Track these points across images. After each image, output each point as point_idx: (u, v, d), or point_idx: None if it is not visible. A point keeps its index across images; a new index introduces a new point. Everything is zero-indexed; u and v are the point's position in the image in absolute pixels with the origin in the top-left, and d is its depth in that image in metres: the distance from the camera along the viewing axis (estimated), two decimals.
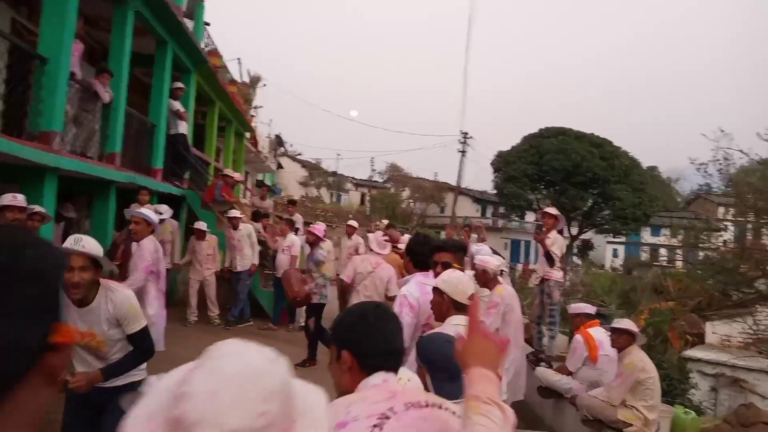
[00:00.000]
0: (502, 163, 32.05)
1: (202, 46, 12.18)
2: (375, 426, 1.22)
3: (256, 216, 10.39)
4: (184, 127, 9.98)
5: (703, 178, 12.35)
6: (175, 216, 9.27)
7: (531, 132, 32.01)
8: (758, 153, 10.94)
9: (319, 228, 7.57)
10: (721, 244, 17.15)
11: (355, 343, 1.51)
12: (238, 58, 25.81)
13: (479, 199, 45.16)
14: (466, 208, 41.24)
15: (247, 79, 21.04)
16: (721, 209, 18.82)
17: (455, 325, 2.48)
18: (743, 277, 13.43)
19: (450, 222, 33.21)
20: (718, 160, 11.25)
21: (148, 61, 9.64)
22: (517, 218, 40.43)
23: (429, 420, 1.26)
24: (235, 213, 8.59)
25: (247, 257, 8.54)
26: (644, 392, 4.19)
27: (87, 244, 2.58)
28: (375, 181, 49.85)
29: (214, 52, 13.67)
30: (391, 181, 45.93)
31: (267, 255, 9.52)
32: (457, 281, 2.64)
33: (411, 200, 42.21)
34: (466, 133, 34.07)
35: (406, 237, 6.74)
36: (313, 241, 7.41)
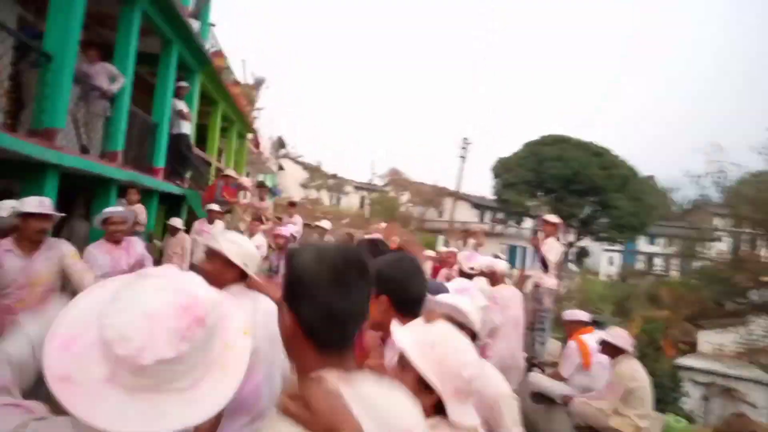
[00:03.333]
0: (502, 169, 32.16)
1: (207, 46, 12.26)
2: None
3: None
4: (187, 127, 10.05)
5: (699, 190, 12.47)
6: (175, 215, 9.34)
7: (531, 139, 32.18)
8: (752, 165, 11.04)
9: (285, 230, 7.42)
10: (716, 254, 17.27)
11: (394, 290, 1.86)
12: (243, 60, 25.96)
13: (478, 204, 45.25)
14: (465, 213, 41.32)
15: (251, 81, 21.13)
16: (717, 219, 18.95)
17: None
18: (737, 288, 13.54)
19: (448, 226, 33.30)
20: (713, 172, 11.37)
21: (153, 61, 9.71)
22: (515, 224, 40.53)
23: None
24: (214, 206, 8.33)
25: None
26: (635, 401, 4.24)
27: None
28: (375, 185, 49.93)
29: (219, 53, 13.75)
30: (391, 184, 46.03)
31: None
32: None
33: (410, 204, 42.31)
34: (466, 138, 34.24)
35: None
36: (283, 245, 7.17)
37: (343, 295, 1.09)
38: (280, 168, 32.03)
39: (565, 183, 28.85)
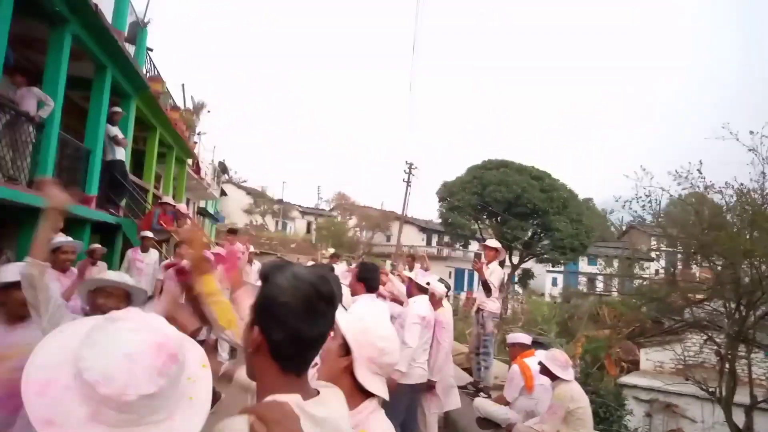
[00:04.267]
0: (447, 193, 32.63)
1: (144, 71, 11.96)
2: None
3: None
4: (122, 153, 9.71)
5: (630, 213, 12.97)
6: (110, 244, 8.93)
7: (474, 164, 32.84)
8: (677, 190, 11.58)
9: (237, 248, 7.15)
10: (652, 273, 17.92)
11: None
12: (182, 84, 25.48)
13: (424, 228, 45.69)
14: (412, 237, 41.62)
15: (190, 105, 20.76)
16: (653, 240, 19.72)
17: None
18: (673, 306, 14.04)
19: (396, 251, 33.39)
20: (640, 197, 11.87)
21: (85, 85, 9.38)
22: (461, 247, 41.07)
23: None
24: (147, 233, 7.95)
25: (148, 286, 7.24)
26: (576, 422, 4.28)
27: None
28: (321, 209, 49.74)
29: (156, 78, 13.44)
30: (338, 209, 45.94)
31: None
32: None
33: (357, 228, 42.27)
34: (411, 164, 34.63)
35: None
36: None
37: (312, 324, 1.18)
38: (223, 194, 31.44)
39: (508, 206, 29.52)
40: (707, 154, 11.35)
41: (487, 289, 6.32)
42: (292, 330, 1.16)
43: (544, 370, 4.47)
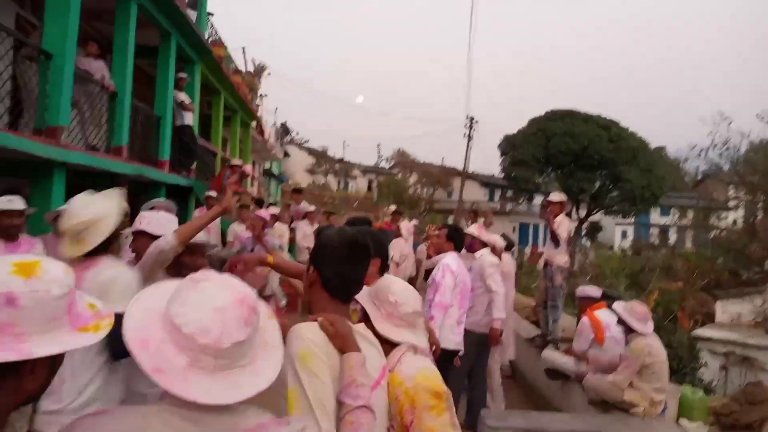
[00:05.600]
0: (509, 146, 31.79)
1: (206, 36, 12.19)
2: None
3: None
4: (189, 118, 10.03)
5: (707, 161, 12.27)
6: (183, 206, 9.35)
7: (537, 115, 31.77)
8: (758, 133, 10.83)
9: (264, 213, 7.28)
10: (729, 224, 17.07)
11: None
12: (243, 48, 25.68)
13: (487, 183, 44.98)
14: (474, 193, 41.14)
15: (251, 69, 21.03)
16: (730, 189, 18.68)
17: None
18: (752, 257, 13.36)
19: (458, 206, 33.21)
20: (717, 144, 11.17)
21: (152, 53, 9.67)
22: (525, 202, 40.26)
23: None
24: (211, 193, 8.41)
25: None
26: (651, 376, 4.21)
27: None
28: (382, 168, 49.83)
29: (218, 42, 13.66)
30: (398, 167, 45.91)
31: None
32: None
33: (418, 186, 42.21)
34: (473, 118, 33.96)
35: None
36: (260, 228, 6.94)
37: (352, 266, 1.66)
38: (286, 155, 32.01)
39: (574, 158, 28.51)
40: None
41: (555, 242, 6.23)
42: (338, 269, 1.63)
43: (622, 323, 4.39)
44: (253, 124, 18.73)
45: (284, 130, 28.90)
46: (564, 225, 6.25)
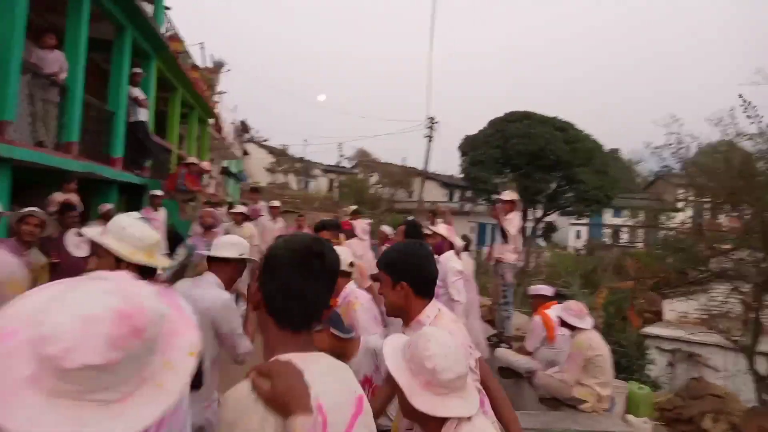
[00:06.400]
0: (469, 147, 32.23)
1: (163, 31, 11.94)
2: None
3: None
4: (144, 114, 9.81)
5: (659, 162, 12.68)
6: (136, 206, 9.14)
7: (497, 116, 32.26)
8: (709, 137, 11.27)
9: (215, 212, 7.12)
10: (678, 224, 17.68)
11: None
12: (201, 43, 25.34)
13: (447, 183, 45.40)
14: (435, 193, 41.47)
15: (210, 65, 20.69)
16: (680, 190, 19.36)
17: None
18: (698, 256, 13.88)
19: (418, 207, 33.43)
20: (671, 144, 11.56)
21: (106, 47, 9.42)
22: (484, 202, 40.81)
23: None
24: (156, 192, 8.16)
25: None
26: (595, 370, 4.36)
27: None
28: (343, 167, 49.73)
29: (175, 37, 13.41)
30: (360, 166, 45.88)
31: None
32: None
33: (379, 185, 42.28)
34: (433, 118, 34.22)
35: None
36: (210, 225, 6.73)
37: (301, 278, 1.27)
38: (245, 153, 31.59)
39: (531, 159, 29.09)
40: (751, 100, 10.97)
41: (504, 237, 6.41)
42: (281, 283, 1.28)
43: (562, 322, 4.54)
44: (211, 121, 18.43)
45: (243, 128, 28.52)
46: (514, 222, 6.42)
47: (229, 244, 2.84)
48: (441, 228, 5.21)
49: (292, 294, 1.27)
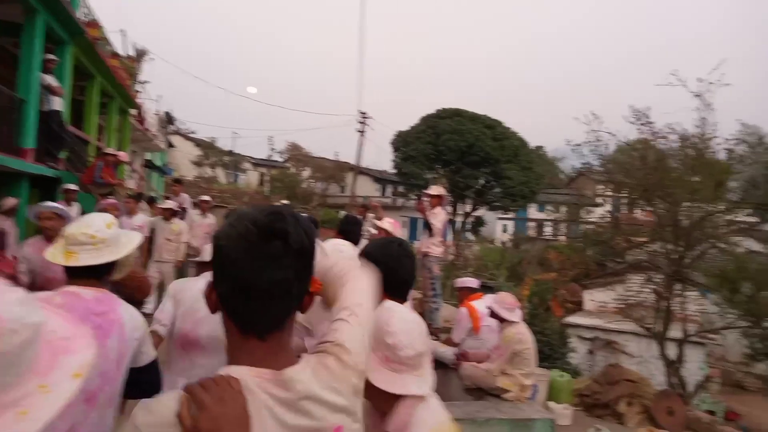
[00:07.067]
0: (401, 142, 32.51)
1: (80, 15, 11.28)
2: None
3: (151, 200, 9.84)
4: (58, 103, 9.24)
5: (579, 159, 13.26)
6: (50, 199, 8.61)
7: (429, 113, 32.69)
8: (627, 134, 11.90)
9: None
10: (597, 218, 18.61)
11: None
12: (122, 30, 24.10)
13: (379, 178, 45.60)
14: (367, 188, 41.54)
15: (132, 53, 19.79)
16: (600, 186, 20.36)
17: None
18: (616, 249, 14.65)
19: (350, 201, 33.40)
20: (591, 141, 12.13)
21: (15, 31, 8.80)
22: (415, 197, 41.27)
23: None
24: (70, 186, 7.61)
25: None
26: (521, 362, 4.49)
27: None
28: (274, 161, 48.92)
29: (93, 23, 12.69)
30: (291, 160, 45.27)
31: None
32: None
33: (311, 180, 41.90)
34: (365, 113, 34.25)
35: None
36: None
37: (260, 270, 0.97)
38: (170, 145, 30.48)
39: (461, 155, 29.70)
40: (660, 101, 11.63)
41: (430, 230, 6.54)
42: (233, 278, 0.98)
43: (493, 314, 4.62)
44: (133, 112, 17.64)
45: (168, 120, 27.48)
46: (440, 216, 6.55)
47: None
48: (385, 223, 5.10)
49: (251, 292, 0.97)
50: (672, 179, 10.98)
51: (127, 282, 2.26)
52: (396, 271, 1.94)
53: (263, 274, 0.97)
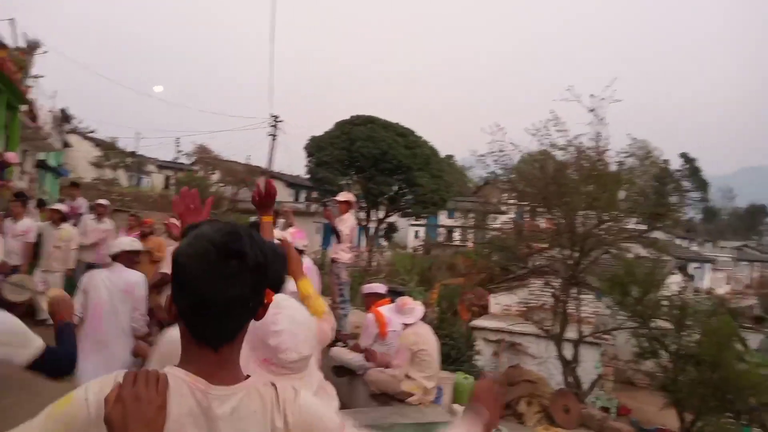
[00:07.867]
0: (315, 148, 32.34)
1: None
2: None
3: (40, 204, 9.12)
4: None
5: (485, 168, 13.79)
6: None
7: (343, 119, 32.75)
8: (529, 146, 12.48)
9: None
10: (502, 225, 19.40)
11: None
12: (11, 19, 22.28)
13: (293, 183, 45.06)
14: (280, 193, 40.72)
15: (22, 44, 18.35)
16: (504, 194, 21.23)
17: None
18: (519, 254, 15.32)
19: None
20: (494, 152, 12.67)
21: None
22: (329, 203, 41.07)
23: None
24: None
25: None
26: (421, 364, 4.57)
27: None
28: (181, 163, 47.12)
29: None
30: (200, 163, 43.80)
31: None
32: None
33: (221, 184, 40.74)
34: (277, 116, 33.77)
35: None
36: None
37: (214, 284, 1.02)
38: (66, 145, 28.53)
39: (374, 162, 29.98)
40: (562, 114, 12.22)
41: (338, 237, 6.59)
42: (193, 295, 1.03)
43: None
44: (24, 108, 16.35)
45: (64, 117, 25.69)
46: (348, 222, 6.60)
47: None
48: (286, 234, 4.96)
49: (209, 308, 1.03)
50: (569, 189, 11.64)
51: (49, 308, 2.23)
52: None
53: (221, 292, 1.02)
